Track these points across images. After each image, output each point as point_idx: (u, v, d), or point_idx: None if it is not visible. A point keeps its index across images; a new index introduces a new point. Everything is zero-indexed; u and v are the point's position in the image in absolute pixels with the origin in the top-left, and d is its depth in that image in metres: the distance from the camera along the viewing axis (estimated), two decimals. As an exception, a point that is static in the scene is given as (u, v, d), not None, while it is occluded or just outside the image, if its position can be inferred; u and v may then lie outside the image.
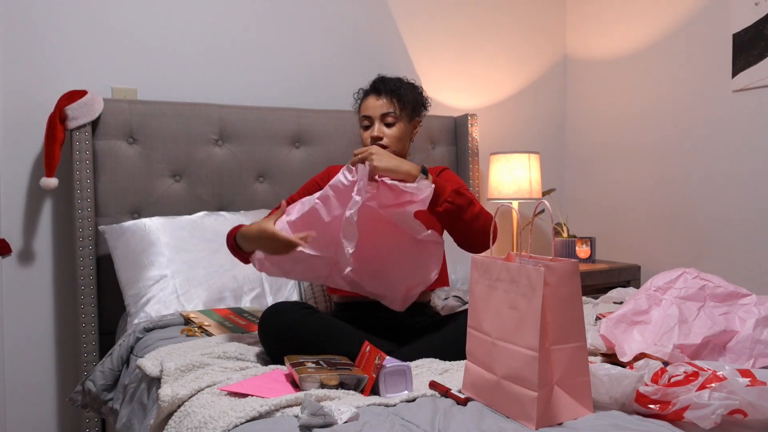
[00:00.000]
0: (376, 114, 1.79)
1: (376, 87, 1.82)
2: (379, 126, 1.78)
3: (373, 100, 1.80)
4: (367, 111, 1.81)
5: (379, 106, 1.79)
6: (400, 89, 1.80)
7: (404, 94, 1.80)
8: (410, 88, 1.84)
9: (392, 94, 1.79)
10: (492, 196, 2.93)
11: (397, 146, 1.79)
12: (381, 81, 1.83)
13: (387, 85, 1.81)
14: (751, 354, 1.44)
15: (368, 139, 1.79)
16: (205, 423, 1.17)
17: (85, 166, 2.16)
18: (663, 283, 1.59)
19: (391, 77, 1.85)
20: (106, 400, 1.80)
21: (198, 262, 2.10)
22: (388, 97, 1.79)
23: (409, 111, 1.82)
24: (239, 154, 2.45)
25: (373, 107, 1.80)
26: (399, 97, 1.79)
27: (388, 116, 1.78)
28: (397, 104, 1.79)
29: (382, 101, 1.79)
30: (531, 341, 1.13)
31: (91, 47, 2.33)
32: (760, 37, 2.49)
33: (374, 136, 1.78)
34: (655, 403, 1.14)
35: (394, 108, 1.78)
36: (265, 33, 2.64)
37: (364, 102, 1.83)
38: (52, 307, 2.31)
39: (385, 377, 1.31)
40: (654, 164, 2.97)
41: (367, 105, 1.82)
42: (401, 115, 1.79)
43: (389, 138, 1.78)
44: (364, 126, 1.82)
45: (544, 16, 3.34)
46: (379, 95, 1.80)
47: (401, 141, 1.81)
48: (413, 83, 1.87)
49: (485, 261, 1.29)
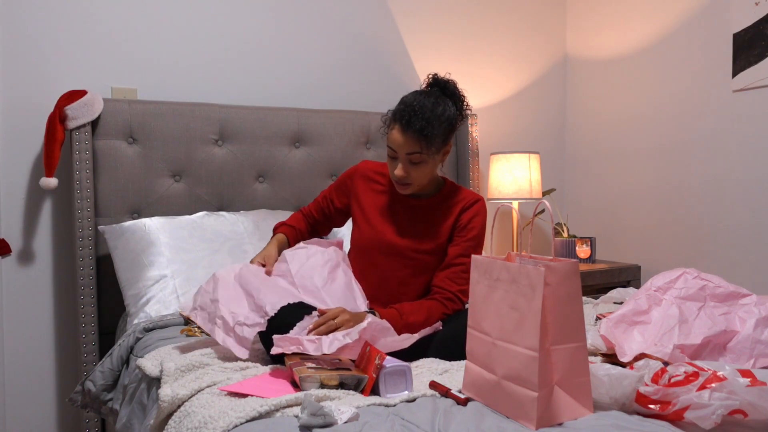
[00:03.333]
0: (402, 152, 1.69)
1: (405, 120, 1.67)
2: (403, 164, 1.70)
3: (399, 134, 1.68)
4: (393, 144, 1.69)
5: (405, 144, 1.67)
6: (429, 127, 1.65)
7: (433, 134, 1.66)
8: (440, 122, 1.68)
9: (419, 135, 1.65)
10: (492, 196, 2.93)
11: (422, 182, 1.75)
12: (412, 114, 1.66)
13: (416, 122, 1.65)
14: (752, 354, 1.44)
15: (392, 172, 1.72)
16: (205, 423, 1.17)
17: (85, 166, 2.16)
18: (663, 283, 1.59)
19: (423, 105, 1.67)
20: (105, 400, 1.80)
21: (198, 262, 2.09)
22: (416, 136, 1.65)
23: (438, 145, 1.70)
24: (239, 154, 2.45)
25: (399, 143, 1.68)
26: (427, 138, 1.66)
27: (413, 156, 1.69)
28: (425, 145, 1.66)
29: (410, 139, 1.66)
30: (531, 341, 1.13)
31: (91, 47, 2.33)
32: (760, 37, 2.49)
33: (399, 176, 1.70)
34: (655, 403, 1.14)
35: (420, 148, 1.67)
36: (265, 33, 2.64)
37: (391, 132, 1.70)
38: (52, 307, 2.31)
39: (385, 377, 1.31)
40: (654, 164, 2.97)
41: (393, 138, 1.69)
42: (429, 153, 1.68)
43: (414, 177, 1.71)
44: (390, 156, 1.73)
45: (545, 16, 3.34)
46: (406, 131, 1.66)
47: (427, 176, 1.74)
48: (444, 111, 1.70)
49: (485, 261, 1.29)
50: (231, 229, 2.23)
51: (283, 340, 1.41)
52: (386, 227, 1.81)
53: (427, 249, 1.77)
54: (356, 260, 1.86)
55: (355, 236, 1.87)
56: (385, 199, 1.84)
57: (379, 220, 1.82)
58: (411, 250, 1.77)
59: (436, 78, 1.78)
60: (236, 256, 2.15)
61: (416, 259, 1.77)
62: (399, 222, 1.81)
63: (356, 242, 1.86)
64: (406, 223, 1.80)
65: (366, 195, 1.86)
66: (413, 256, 1.77)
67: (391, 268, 1.78)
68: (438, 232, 1.78)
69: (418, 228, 1.80)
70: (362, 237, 1.83)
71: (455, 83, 1.78)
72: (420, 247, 1.77)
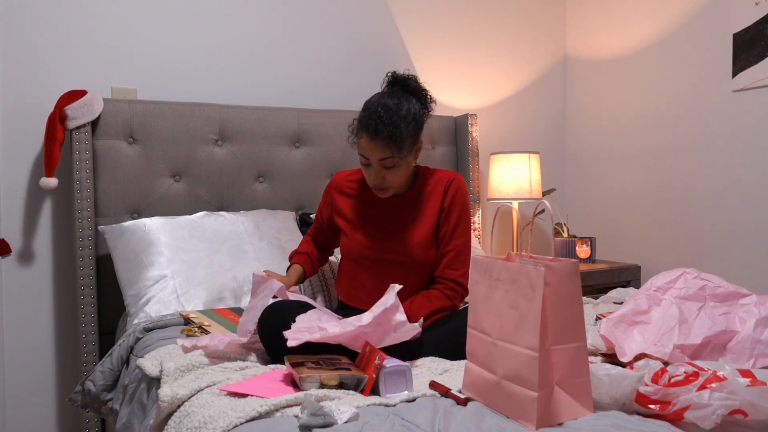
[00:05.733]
0: (374, 158, 1.68)
1: (372, 128, 1.65)
2: (377, 170, 1.70)
3: (368, 141, 1.67)
4: (364, 151, 1.69)
5: (377, 150, 1.66)
6: (397, 131, 1.65)
7: (402, 136, 1.66)
8: (407, 123, 1.68)
9: (389, 141, 1.64)
10: (492, 196, 2.93)
11: (399, 183, 1.76)
12: (378, 120, 1.65)
13: (383, 128, 1.64)
14: (752, 354, 1.44)
15: (369, 181, 1.74)
16: (205, 423, 1.17)
17: (85, 166, 2.15)
18: (663, 283, 1.59)
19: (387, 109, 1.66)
20: (105, 400, 1.80)
21: (198, 262, 2.09)
22: (385, 143, 1.65)
23: (409, 146, 1.71)
24: (239, 154, 2.45)
25: (370, 149, 1.67)
26: (396, 143, 1.65)
27: (385, 161, 1.68)
28: (396, 149, 1.66)
29: (379, 145, 1.65)
30: (531, 341, 1.13)
31: (91, 47, 2.33)
32: (760, 37, 2.49)
33: (374, 184, 1.72)
34: (655, 403, 1.14)
35: (392, 152, 1.67)
36: (264, 33, 2.64)
37: (360, 140, 1.70)
38: (52, 307, 2.31)
39: (385, 377, 1.31)
40: (654, 164, 2.97)
41: (363, 146, 1.69)
42: (401, 155, 1.68)
43: (390, 180, 1.72)
44: (363, 164, 1.73)
45: (545, 15, 3.34)
46: (374, 139, 1.65)
47: (403, 176, 1.75)
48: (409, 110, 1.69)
49: (485, 261, 1.29)
50: (231, 229, 2.23)
51: (298, 332, 1.41)
52: (370, 231, 1.82)
53: (415, 242, 1.79)
54: (349, 269, 1.87)
55: (344, 245, 1.88)
56: (364, 204, 1.87)
57: (362, 225, 1.84)
58: (399, 247, 1.79)
59: (396, 76, 1.78)
60: (236, 256, 2.15)
61: (406, 254, 1.79)
62: (382, 223, 1.83)
63: (346, 252, 1.88)
64: (390, 222, 1.82)
65: (344, 205, 1.89)
66: (402, 251, 1.79)
67: (384, 270, 1.80)
68: (423, 222, 1.80)
69: (402, 223, 1.81)
70: (350, 245, 1.85)
71: (416, 78, 1.78)
72: (407, 242, 1.79)
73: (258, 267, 2.15)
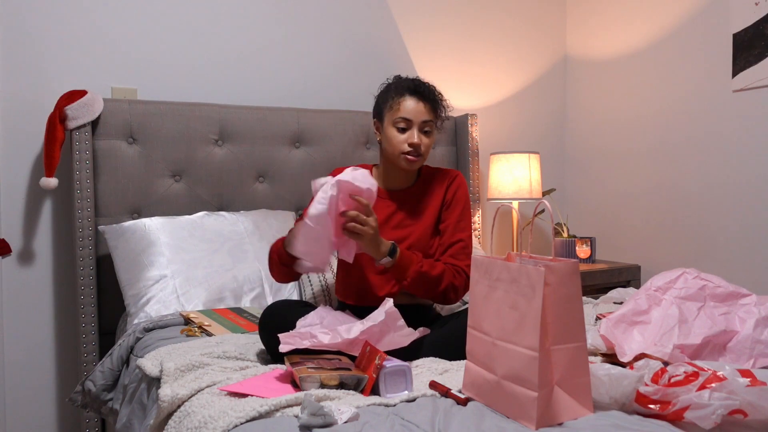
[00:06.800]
0: (418, 119, 1.72)
1: (417, 90, 1.73)
2: (418, 133, 1.73)
3: (414, 103, 1.72)
4: (408, 114, 1.72)
5: (422, 112, 1.72)
6: (439, 98, 1.75)
7: (441, 105, 1.76)
8: (441, 97, 1.79)
9: (434, 103, 1.73)
10: (492, 196, 2.93)
11: (427, 155, 1.79)
12: (421, 84, 1.75)
13: (428, 92, 1.73)
14: (752, 354, 1.44)
15: (403, 144, 1.73)
16: (205, 423, 1.17)
17: (85, 166, 2.16)
18: (663, 283, 1.59)
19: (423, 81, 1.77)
20: (105, 400, 1.80)
21: (198, 262, 2.09)
22: (431, 104, 1.73)
23: (441, 120, 1.80)
24: (239, 154, 2.45)
25: (416, 112, 1.72)
26: (438, 109, 1.74)
27: (427, 124, 1.74)
28: (436, 115, 1.75)
29: (425, 107, 1.72)
30: (531, 341, 1.13)
31: (91, 47, 2.33)
32: (760, 37, 2.49)
33: (414, 143, 1.72)
34: (655, 403, 1.14)
35: (434, 117, 1.74)
36: (264, 33, 2.64)
37: (403, 102, 1.73)
38: (52, 307, 2.31)
39: (385, 377, 1.31)
40: (654, 164, 2.97)
41: (407, 107, 1.72)
42: (437, 124, 1.77)
43: (425, 146, 1.76)
44: (399, 128, 1.74)
45: (545, 15, 3.34)
46: (421, 100, 1.72)
47: (429, 150, 1.80)
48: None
49: (485, 261, 1.29)
50: (231, 229, 2.23)
51: (291, 337, 1.41)
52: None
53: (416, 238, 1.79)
54: (348, 265, 1.86)
55: None
56: None
57: None
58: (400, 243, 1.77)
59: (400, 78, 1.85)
60: (236, 256, 2.15)
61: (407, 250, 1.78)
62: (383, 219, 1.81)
63: None
64: (391, 217, 1.82)
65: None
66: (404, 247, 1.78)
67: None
68: (425, 217, 1.81)
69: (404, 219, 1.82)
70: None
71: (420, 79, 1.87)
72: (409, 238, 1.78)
73: (258, 267, 2.15)
